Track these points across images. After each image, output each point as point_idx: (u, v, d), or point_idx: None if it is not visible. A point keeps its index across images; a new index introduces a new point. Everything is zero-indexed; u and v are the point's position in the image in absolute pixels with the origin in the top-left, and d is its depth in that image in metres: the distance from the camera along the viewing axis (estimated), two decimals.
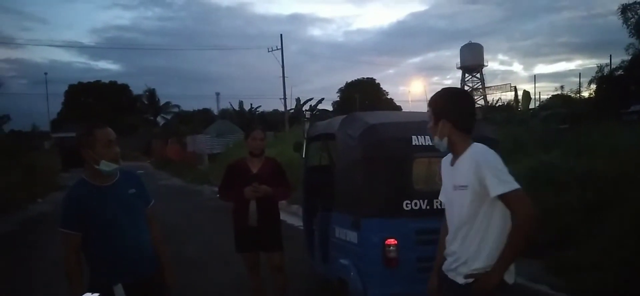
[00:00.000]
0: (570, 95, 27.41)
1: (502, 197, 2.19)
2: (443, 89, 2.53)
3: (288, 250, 4.44)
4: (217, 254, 6.95)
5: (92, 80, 60.68)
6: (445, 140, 2.38)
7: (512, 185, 2.17)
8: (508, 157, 3.09)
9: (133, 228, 2.70)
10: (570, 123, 12.98)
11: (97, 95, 57.10)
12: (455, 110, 2.38)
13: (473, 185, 2.25)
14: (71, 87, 58.47)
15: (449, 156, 2.46)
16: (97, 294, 1.25)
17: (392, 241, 3.61)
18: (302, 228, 5.93)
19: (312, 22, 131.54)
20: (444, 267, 2.52)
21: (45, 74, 51.04)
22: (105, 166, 2.62)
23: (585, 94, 26.81)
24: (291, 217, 9.26)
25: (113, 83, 61.50)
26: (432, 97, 2.52)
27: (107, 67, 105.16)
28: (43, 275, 6.51)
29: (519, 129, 11.22)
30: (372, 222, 3.73)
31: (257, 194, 4.08)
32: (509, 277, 2.30)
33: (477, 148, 2.31)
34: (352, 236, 3.91)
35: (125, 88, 61.32)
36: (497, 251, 2.26)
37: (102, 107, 53.12)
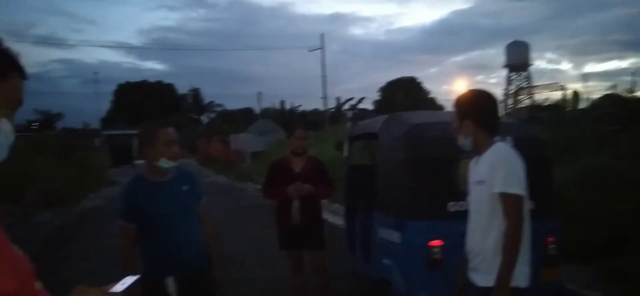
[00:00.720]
0: (622, 95, 26.22)
1: (501, 196, 2.29)
2: (468, 90, 2.65)
3: (330, 248, 4.46)
4: (260, 251, 7.04)
5: (139, 80, 62.78)
6: (470, 139, 2.47)
7: (514, 189, 2.28)
8: (557, 159, 3.01)
9: (185, 224, 2.80)
10: (623, 124, 12.41)
11: (144, 95, 58.95)
12: (478, 110, 2.47)
13: (489, 182, 2.33)
14: (120, 86, 60.64)
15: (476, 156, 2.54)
16: (138, 276, 1.32)
17: (437, 242, 3.57)
18: (342, 227, 5.94)
19: (353, 21, 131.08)
20: (472, 276, 2.54)
21: (95, 73, 53.32)
22: (164, 163, 2.74)
23: (639, 94, 25.57)
24: (332, 215, 9.29)
25: (159, 83, 63.38)
26: (457, 98, 2.63)
27: (154, 67, 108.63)
28: (93, 265, 6.79)
29: (568, 130, 10.84)
30: (416, 223, 3.70)
31: (300, 193, 4.12)
32: (522, 280, 2.33)
33: (499, 147, 2.42)
34: (395, 237, 3.89)
35: (170, 87, 63.08)
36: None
37: (148, 106, 54.85)
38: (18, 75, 1.16)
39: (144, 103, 56.04)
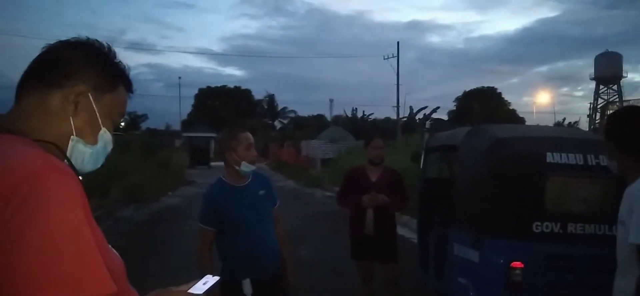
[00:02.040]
0: None
1: (635, 248, 1.88)
2: (624, 107, 2.36)
3: (400, 262, 4.35)
4: (328, 259, 7.03)
5: (219, 85, 65.42)
6: (613, 163, 2.14)
7: None
8: None
9: (261, 227, 2.87)
10: None
11: (222, 99, 61.36)
12: (623, 130, 2.09)
13: (627, 224, 1.94)
14: (200, 90, 63.52)
15: None
16: (218, 278, 1.32)
17: (517, 264, 3.36)
18: (413, 240, 5.78)
19: (431, 28, 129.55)
20: None
21: (179, 78, 56.35)
22: (245, 167, 2.83)
23: None
24: (401, 228, 9.10)
25: (237, 88, 65.67)
26: (609, 114, 2.36)
27: (233, 73, 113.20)
28: (171, 261, 7.08)
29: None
30: (496, 242, 3.50)
31: (375, 203, 4.06)
32: None
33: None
34: (473, 255, 3.70)
35: (247, 93, 65.22)
36: None
37: (226, 110, 57.01)
38: (125, 89, 1.19)
39: (222, 107, 58.31)
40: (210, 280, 1.26)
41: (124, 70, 1.18)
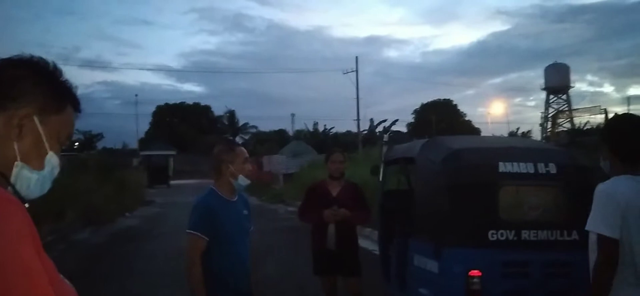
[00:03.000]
0: None
1: (592, 234, 2.24)
2: (619, 114, 2.62)
3: (363, 274, 4.37)
4: (292, 275, 6.99)
5: (177, 102, 64.36)
6: (606, 163, 2.39)
7: (599, 228, 2.19)
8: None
9: (244, 247, 2.88)
10: None
11: (181, 116, 60.37)
12: (615, 136, 2.37)
13: None
14: (158, 107, 62.33)
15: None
16: None
17: (475, 272, 3.44)
18: (375, 252, 5.82)
19: (388, 43, 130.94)
20: None
21: (136, 95, 54.81)
22: (242, 181, 2.84)
23: None
24: (364, 240, 9.15)
25: (196, 105, 64.83)
26: (607, 119, 2.52)
27: (192, 89, 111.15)
28: (131, 285, 6.88)
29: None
30: (454, 252, 3.58)
31: (336, 218, 4.07)
32: None
33: (607, 184, 2.28)
34: (432, 265, 3.77)
35: (207, 109, 64.44)
36: None
37: (185, 127, 56.10)
38: (73, 108, 1.14)
39: (181, 124, 57.35)
40: None
41: (71, 88, 1.13)
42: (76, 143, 46.85)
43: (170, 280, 7.19)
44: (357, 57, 36.21)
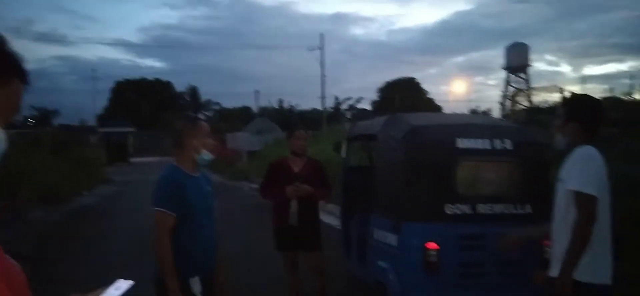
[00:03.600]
0: (621, 98, 26.31)
1: (574, 194, 2.40)
2: (580, 94, 2.82)
3: (325, 249, 4.43)
4: (255, 252, 7.00)
5: (137, 78, 62.62)
6: (566, 139, 2.58)
7: (587, 188, 2.38)
8: (556, 162, 3.01)
9: (210, 223, 2.82)
10: (621, 127, 12.42)
11: (141, 92, 58.81)
12: (587, 116, 2.58)
13: (564, 178, 2.48)
14: (117, 83, 60.47)
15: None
16: (132, 282, 1.23)
17: (432, 245, 3.54)
18: (338, 227, 5.90)
19: (354, 21, 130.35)
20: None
21: (93, 70, 52.95)
22: (206, 155, 2.76)
23: (638, 97, 25.65)
24: (328, 216, 9.24)
25: (157, 81, 63.21)
26: (570, 97, 2.84)
27: (153, 65, 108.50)
28: (87, 265, 6.73)
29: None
30: (413, 226, 3.67)
31: (298, 193, 4.09)
32: (605, 278, 2.48)
33: (584, 148, 2.50)
34: (391, 239, 3.85)
35: (168, 85, 62.95)
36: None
37: (145, 104, 54.76)
38: (20, 80, 1.09)
39: (141, 101, 55.92)
40: (123, 285, 1.18)
41: (18, 60, 1.08)
42: (30, 120, 45.13)
43: (129, 259, 7.08)
44: (322, 34, 36.09)
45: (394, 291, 3.72)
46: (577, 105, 2.69)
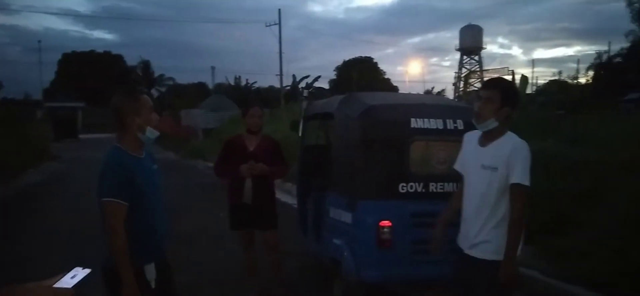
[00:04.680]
0: (567, 81, 27.48)
1: (515, 186, 2.46)
2: (506, 79, 2.86)
3: (281, 228, 4.44)
4: (211, 231, 6.95)
5: (86, 50, 60.05)
6: (494, 123, 2.57)
7: (527, 181, 2.46)
8: None
9: (160, 205, 2.61)
10: (567, 110, 13.00)
11: (91, 66, 56.50)
12: (516, 101, 2.69)
13: (502, 170, 2.50)
14: (65, 56, 57.86)
15: (476, 134, 2.70)
16: (88, 270, 1.18)
17: (386, 223, 3.62)
18: (295, 206, 5.93)
19: None
20: (462, 243, 2.75)
21: (39, 41, 50.27)
22: (150, 133, 2.50)
23: (583, 81, 26.87)
24: (285, 194, 9.27)
25: (107, 54, 60.92)
26: (503, 82, 2.79)
27: (103, 37, 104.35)
28: (35, 246, 6.49)
29: (515, 114, 11.21)
30: (367, 204, 3.73)
31: (253, 172, 4.06)
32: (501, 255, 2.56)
33: (517, 140, 2.56)
34: (346, 217, 3.91)
35: (119, 58, 60.78)
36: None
37: (95, 78, 52.70)
38: None
39: (91, 74, 53.77)
40: (79, 273, 1.14)
41: None
42: None
43: (81, 240, 6.88)
44: (280, 10, 35.58)
45: (349, 267, 3.79)
46: (511, 90, 2.73)
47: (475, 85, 52.74)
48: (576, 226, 5.43)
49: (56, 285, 1.06)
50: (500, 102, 2.56)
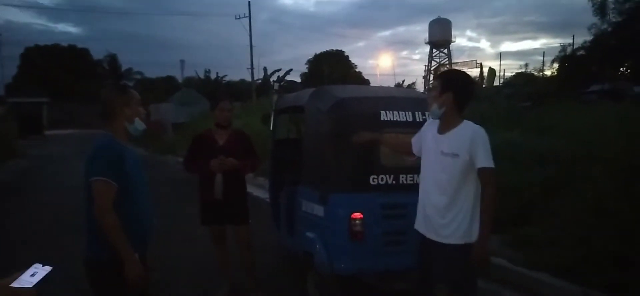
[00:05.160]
0: (533, 74, 28.14)
1: (482, 170, 2.59)
2: (455, 69, 2.96)
3: (254, 222, 4.42)
4: (182, 227, 6.87)
5: (50, 44, 58.24)
6: (443, 110, 2.73)
7: (492, 163, 2.60)
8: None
9: (146, 197, 2.68)
10: (533, 102, 13.30)
11: (55, 60, 54.84)
12: (461, 88, 2.76)
13: (464, 156, 2.62)
14: (27, 49, 55.95)
15: (435, 123, 2.84)
16: (50, 268, 1.12)
17: (358, 215, 3.64)
18: (268, 200, 5.91)
19: None
20: (424, 230, 2.86)
21: (0, 34, 48.57)
22: (138, 124, 2.65)
23: (548, 73, 27.56)
24: (257, 189, 9.23)
25: (72, 47, 59.18)
26: (444, 71, 2.96)
27: (67, 30, 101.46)
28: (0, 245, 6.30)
29: (483, 106, 11.44)
30: (339, 197, 3.74)
31: (223, 167, 4.02)
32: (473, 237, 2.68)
33: (474, 126, 2.69)
34: (318, 210, 3.91)
35: (85, 52, 59.13)
36: (475, 221, 2.65)
37: (59, 72, 51.22)
38: None
39: (55, 68, 52.21)
40: (39, 271, 1.08)
41: None
42: None
43: (46, 239, 6.71)
44: (250, 2, 35.27)
45: (321, 260, 3.80)
46: (452, 77, 2.87)
47: None
48: (542, 216, 5.59)
49: (14, 285, 1.01)
50: (441, 88, 2.74)
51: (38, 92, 38.75)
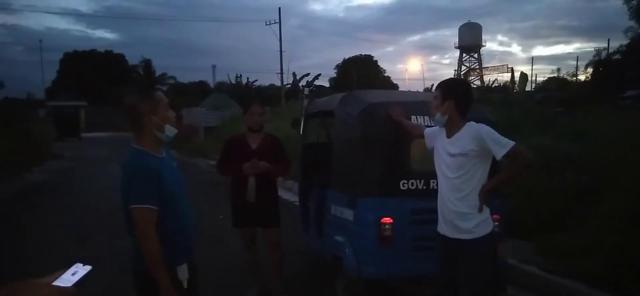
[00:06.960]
0: (566, 78, 27.48)
1: (508, 155, 2.68)
2: (452, 78, 3.10)
3: (283, 225, 4.49)
4: (213, 229, 6.99)
5: (87, 49, 60.00)
6: (446, 117, 2.90)
7: (509, 143, 2.70)
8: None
9: (186, 203, 2.55)
10: (566, 107, 13.01)
11: (92, 65, 56.48)
12: (460, 95, 2.93)
13: (473, 152, 2.78)
14: (66, 55, 57.81)
15: (443, 131, 3.00)
16: (90, 267, 1.12)
17: (387, 220, 3.66)
18: (296, 203, 5.97)
19: None
20: (447, 231, 2.98)
21: (40, 41, 50.38)
22: (169, 132, 2.42)
23: (582, 78, 26.88)
24: (286, 192, 9.32)
25: (109, 53, 60.83)
26: (443, 81, 3.08)
27: (104, 36, 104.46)
28: (38, 244, 6.54)
29: (514, 111, 11.26)
30: (368, 201, 3.77)
31: (256, 170, 4.10)
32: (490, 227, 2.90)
33: (475, 125, 2.85)
34: (348, 214, 3.95)
35: (121, 58, 60.71)
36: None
37: (96, 77, 52.69)
38: None
39: (92, 73, 53.76)
40: (80, 270, 1.09)
41: None
42: None
43: (84, 238, 6.93)
44: (280, 8, 35.62)
45: (350, 264, 3.83)
46: (451, 86, 3.00)
47: (474, 82, 52.71)
48: (575, 223, 5.48)
49: (56, 283, 1.03)
50: (442, 97, 2.91)
51: (76, 96, 39.97)
